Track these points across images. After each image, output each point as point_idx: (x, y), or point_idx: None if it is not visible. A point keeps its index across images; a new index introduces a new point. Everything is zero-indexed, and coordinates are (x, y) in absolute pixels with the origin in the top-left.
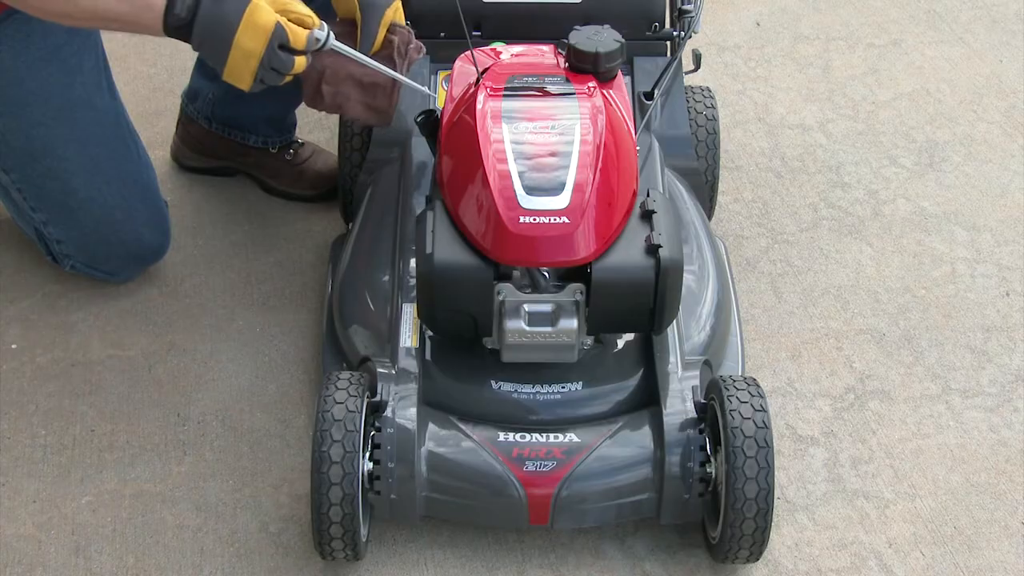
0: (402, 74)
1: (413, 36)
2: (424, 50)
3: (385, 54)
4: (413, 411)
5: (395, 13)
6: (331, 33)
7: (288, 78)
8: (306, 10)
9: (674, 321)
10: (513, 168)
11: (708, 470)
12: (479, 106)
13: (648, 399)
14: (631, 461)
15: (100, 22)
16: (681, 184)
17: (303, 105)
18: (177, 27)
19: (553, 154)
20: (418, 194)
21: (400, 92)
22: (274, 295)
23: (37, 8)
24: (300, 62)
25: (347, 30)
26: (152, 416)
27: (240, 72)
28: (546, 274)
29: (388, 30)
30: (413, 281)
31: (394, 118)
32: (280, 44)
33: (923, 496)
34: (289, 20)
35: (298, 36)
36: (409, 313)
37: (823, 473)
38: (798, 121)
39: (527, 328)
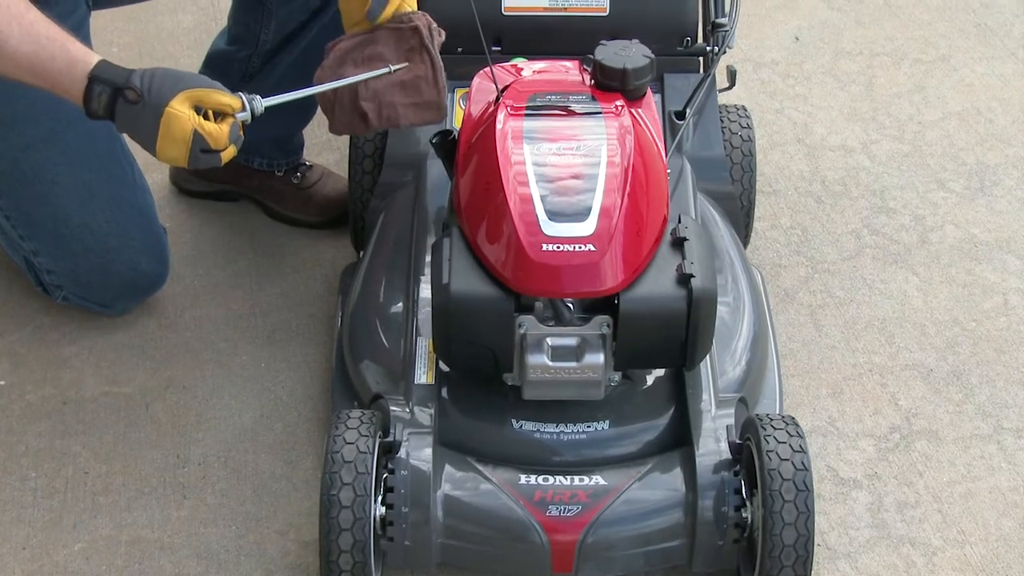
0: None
1: (431, 19)
2: (444, 34)
3: (415, 43)
4: (428, 452)
5: None
6: (256, 102)
7: (228, 155)
8: (225, 97)
9: (707, 356)
10: (535, 192)
11: (743, 515)
12: (499, 126)
13: (679, 439)
14: (661, 505)
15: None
16: (715, 209)
17: (311, 125)
18: (97, 119)
19: (578, 177)
20: (433, 220)
21: (443, 77)
22: (280, 328)
23: None
24: (229, 154)
25: (361, 39)
26: (150, 457)
27: (173, 164)
28: (570, 305)
29: (406, 19)
30: (428, 313)
31: (409, 139)
32: (202, 149)
33: (973, 543)
34: (209, 111)
35: (218, 138)
36: (424, 347)
37: (866, 518)
38: (840, 142)
39: (550, 363)
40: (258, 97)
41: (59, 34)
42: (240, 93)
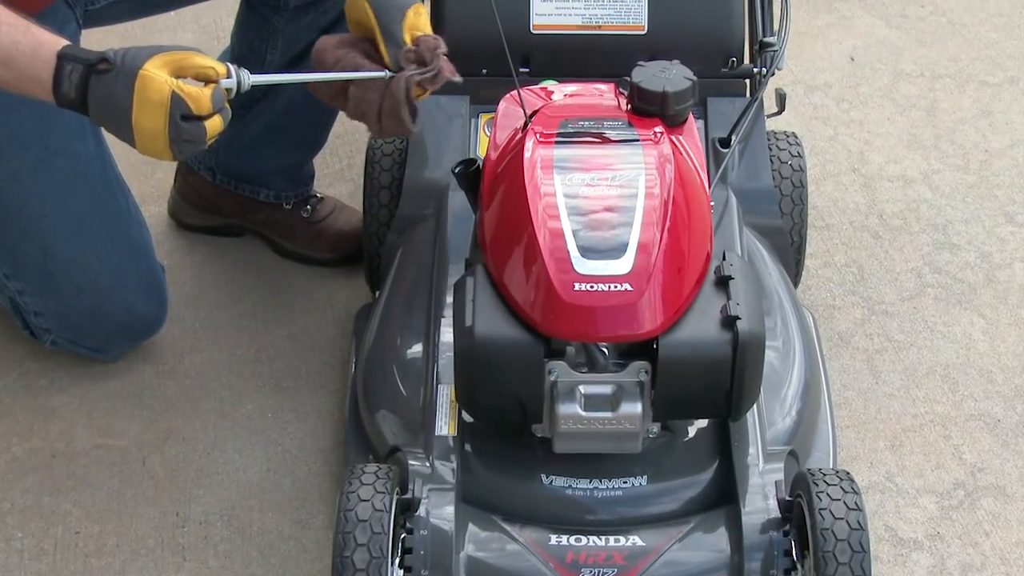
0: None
1: (441, 42)
2: (458, 76)
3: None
4: (451, 510)
5: (416, 17)
6: (244, 73)
7: (210, 142)
8: (207, 61)
9: (754, 405)
10: (567, 226)
11: None
12: (527, 154)
13: (724, 496)
14: (704, 568)
15: None
16: (762, 245)
17: (322, 154)
18: (69, 106)
19: (613, 210)
20: (456, 257)
21: (410, 105)
22: (288, 375)
23: None
24: (214, 124)
25: (366, 49)
26: (146, 516)
27: (155, 151)
28: (605, 350)
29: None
30: (450, 359)
31: (429, 169)
32: (182, 115)
33: None
34: (190, 78)
35: (200, 101)
36: (446, 396)
37: None
38: (899, 172)
39: (583, 413)
40: (246, 70)
41: (22, 21)
42: (227, 63)
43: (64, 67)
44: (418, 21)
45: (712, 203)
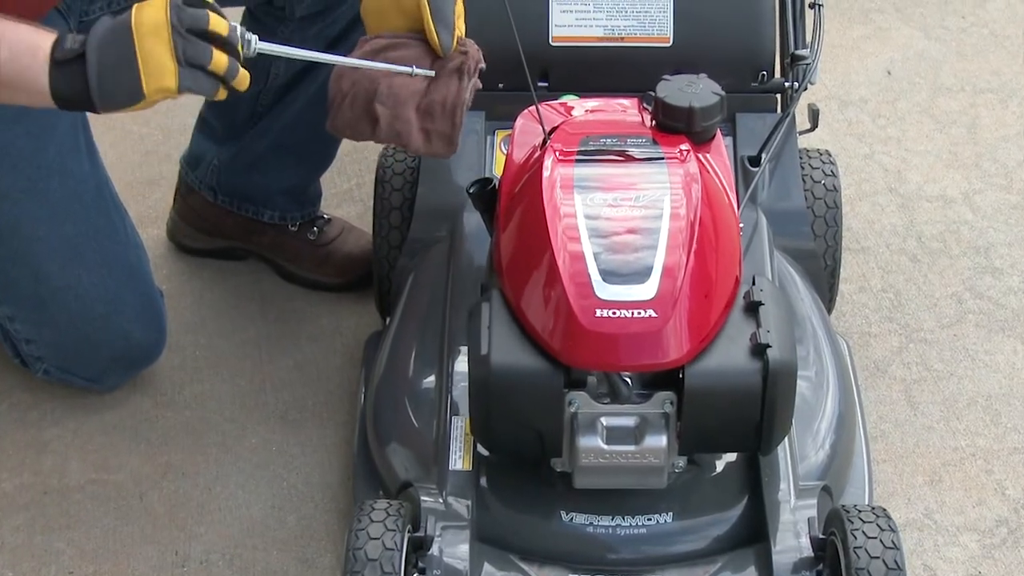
0: (470, 94)
1: (481, 54)
2: (482, 66)
3: (453, 66)
4: (465, 548)
5: (463, 10)
6: (252, 36)
7: (220, 63)
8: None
9: (785, 438)
10: (587, 249)
11: None
12: (546, 173)
13: (754, 534)
14: None
15: None
16: (794, 270)
17: (330, 172)
18: (67, 60)
19: (636, 232)
20: (471, 282)
21: (462, 112)
22: (294, 406)
23: None
24: (218, 22)
25: (397, 41)
26: (144, 555)
27: (156, 59)
28: (628, 380)
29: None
30: (465, 389)
31: (442, 189)
32: (188, 28)
33: None
34: None
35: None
36: (460, 429)
37: None
38: (938, 192)
39: (605, 447)
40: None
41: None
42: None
43: (67, 33)
44: (463, 14)
45: (741, 225)
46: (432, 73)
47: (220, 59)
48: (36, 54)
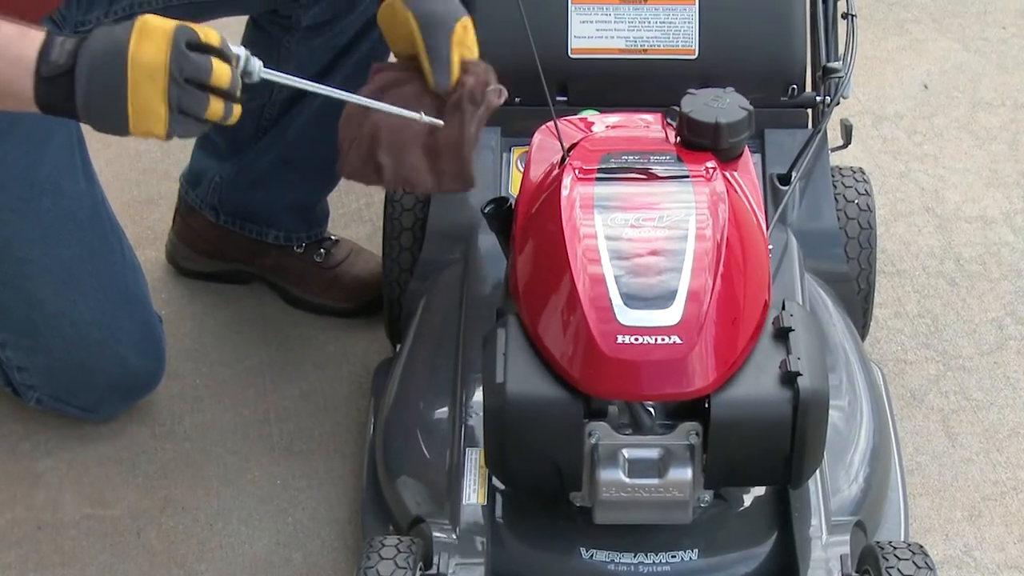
0: (476, 127)
1: (492, 75)
2: (505, 93)
3: (453, 100)
4: None
5: (466, 33)
6: (256, 60)
7: (216, 112)
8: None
9: (817, 471)
10: (608, 271)
11: None
12: (564, 192)
13: (784, 571)
14: None
15: None
16: (826, 294)
17: (338, 191)
18: (54, 77)
19: (660, 253)
20: (485, 306)
21: (470, 146)
22: (300, 437)
23: None
24: (222, 72)
25: (408, 74)
26: None
27: (148, 104)
28: (651, 410)
29: (468, 67)
30: (479, 419)
31: (456, 208)
32: (188, 42)
33: None
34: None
35: (209, 33)
36: (475, 461)
37: None
38: (978, 212)
39: (627, 480)
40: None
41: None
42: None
43: (55, 38)
44: (466, 38)
45: (770, 247)
46: (440, 123)
47: (216, 108)
48: (19, 64)
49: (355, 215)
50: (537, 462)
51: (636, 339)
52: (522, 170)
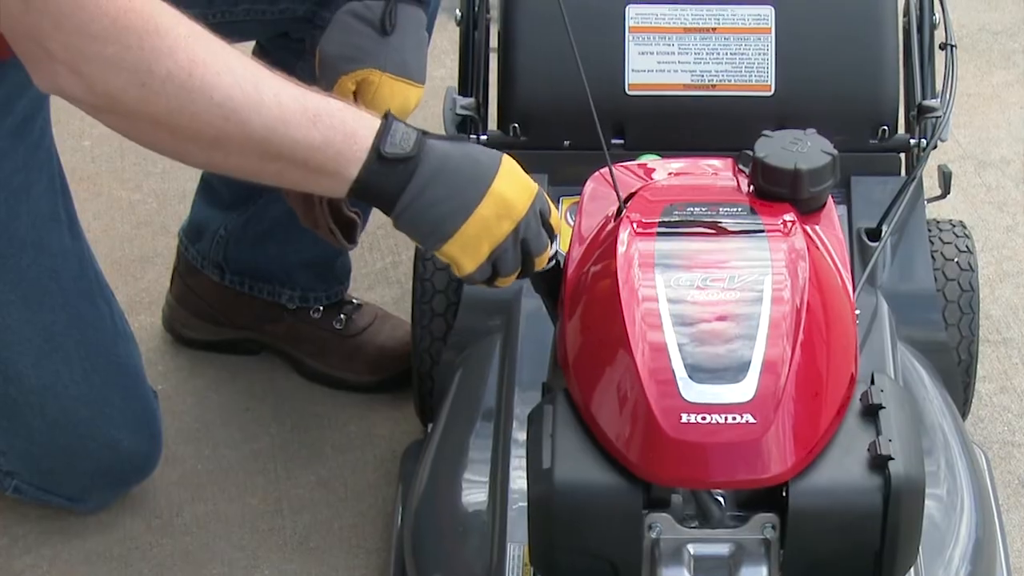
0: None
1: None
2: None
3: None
4: None
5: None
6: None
7: (514, 276)
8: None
9: (911, 569)
10: (671, 339)
11: None
12: (621, 248)
13: None
14: None
15: (265, 167)
16: (921, 365)
17: (360, 247)
18: (393, 160)
19: (731, 319)
20: (530, 380)
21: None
22: (316, 531)
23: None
24: (543, 258)
25: None
26: None
27: (478, 238)
28: (721, 499)
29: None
30: (523, 510)
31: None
32: (541, 210)
33: None
34: None
35: (554, 212)
36: (517, 558)
37: None
38: None
39: None
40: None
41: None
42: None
43: (397, 122)
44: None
45: (857, 311)
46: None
47: (509, 281)
48: (352, 139)
49: (380, 275)
50: (589, 559)
51: (703, 418)
52: (572, 224)
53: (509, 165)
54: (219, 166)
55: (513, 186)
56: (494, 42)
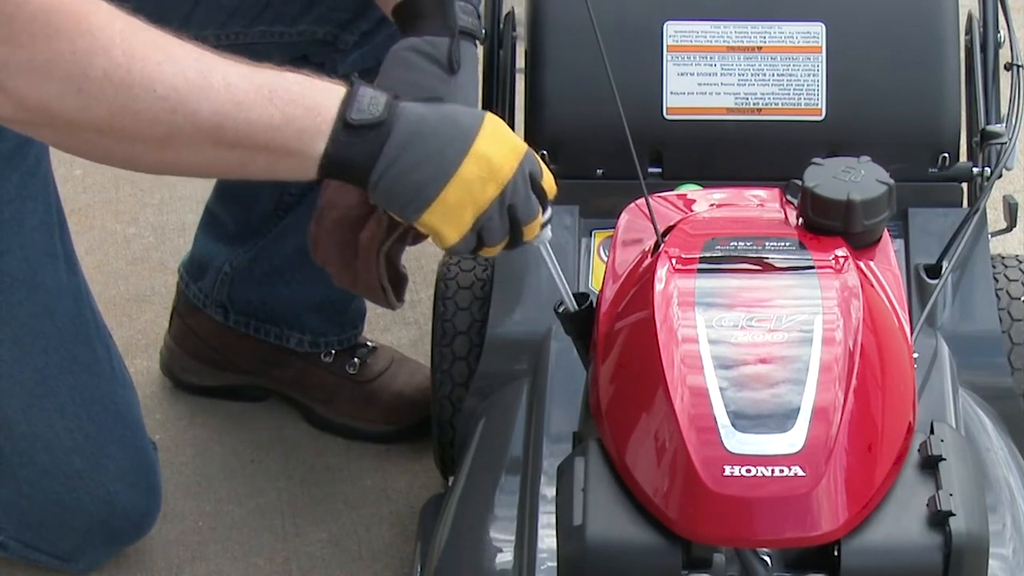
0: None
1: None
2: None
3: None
4: None
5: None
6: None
7: (501, 245)
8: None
9: None
10: (713, 384)
11: None
12: (659, 286)
13: None
14: None
15: (224, 158)
16: (985, 413)
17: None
18: (361, 127)
19: (777, 362)
20: (559, 429)
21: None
22: None
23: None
24: (534, 225)
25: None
26: None
27: (460, 204)
28: (767, 559)
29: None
30: (552, 570)
31: (522, 307)
32: (531, 172)
33: None
34: None
35: (547, 174)
36: None
37: None
38: None
39: None
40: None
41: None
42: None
43: (363, 87)
44: None
45: (916, 355)
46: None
47: (496, 250)
48: (314, 112)
49: (397, 316)
50: None
51: (748, 470)
52: (606, 259)
53: (493, 123)
54: (175, 166)
55: (497, 146)
56: (520, 62)
